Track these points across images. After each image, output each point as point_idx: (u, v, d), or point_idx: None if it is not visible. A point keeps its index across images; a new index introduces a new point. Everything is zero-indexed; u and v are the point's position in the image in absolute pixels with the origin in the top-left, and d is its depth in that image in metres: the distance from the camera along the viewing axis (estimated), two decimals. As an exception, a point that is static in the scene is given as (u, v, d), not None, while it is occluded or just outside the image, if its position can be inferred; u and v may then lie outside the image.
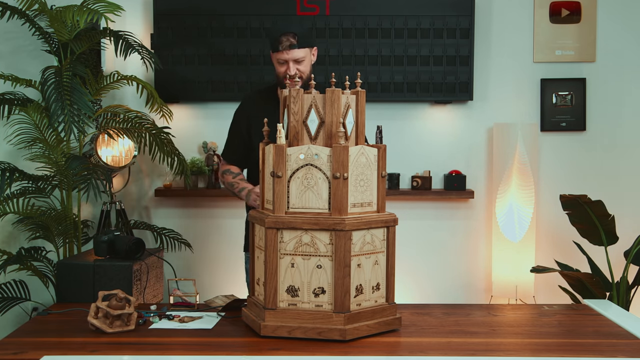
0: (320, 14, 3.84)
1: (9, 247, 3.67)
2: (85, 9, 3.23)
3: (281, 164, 1.95)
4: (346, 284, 1.92)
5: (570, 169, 3.99)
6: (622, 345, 1.93)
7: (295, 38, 2.56)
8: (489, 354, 1.85)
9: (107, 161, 3.56)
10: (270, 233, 1.93)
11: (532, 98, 3.98)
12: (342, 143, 1.93)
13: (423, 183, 3.90)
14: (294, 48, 2.55)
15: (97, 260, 2.58)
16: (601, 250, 3.55)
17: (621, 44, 3.96)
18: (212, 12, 3.84)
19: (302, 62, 2.59)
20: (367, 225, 1.97)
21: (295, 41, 2.55)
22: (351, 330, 1.92)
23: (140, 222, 3.81)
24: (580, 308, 2.41)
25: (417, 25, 3.86)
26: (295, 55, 2.57)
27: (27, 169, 3.51)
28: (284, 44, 2.56)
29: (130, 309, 2.05)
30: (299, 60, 2.58)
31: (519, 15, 3.97)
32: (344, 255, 1.91)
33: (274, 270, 1.94)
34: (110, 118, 3.60)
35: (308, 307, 1.95)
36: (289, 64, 2.58)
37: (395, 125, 3.94)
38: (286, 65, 2.59)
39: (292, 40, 2.55)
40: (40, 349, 1.87)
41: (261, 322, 1.94)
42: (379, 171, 2.05)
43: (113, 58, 3.76)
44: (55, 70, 3.15)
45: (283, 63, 2.60)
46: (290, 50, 2.56)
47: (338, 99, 1.98)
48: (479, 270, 4.03)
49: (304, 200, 1.96)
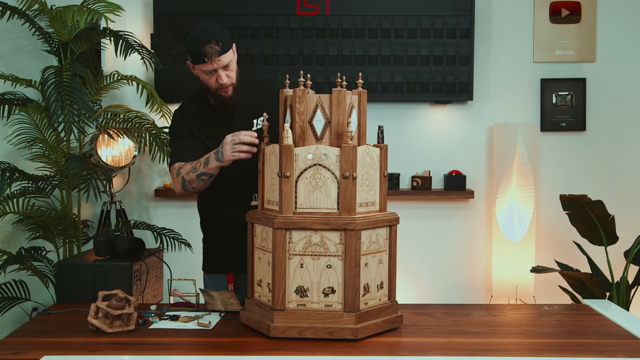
0: (320, 14, 3.85)
1: (9, 247, 3.66)
2: (85, 9, 3.23)
3: (289, 164, 1.95)
4: (356, 283, 1.93)
5: (570, 169, 3.99)
6: (622, 345, 1.93)
7: (219, 44, 2.30)
8: (489, 354, 1.85)
9: (107, 161, 3.56)
10: (279, 234, 1.93)
11: (532, 98, 3.98)
12: (351, 143, 1.94)
13: (423, 183, 3.90)
14: (221, 55, 2.31)
15: (97, 260, 2.58)
16: (601, 250, 3.55)
17: (621, 44, 3.96)
18: (212, 12, 3.84)
19: (230, 66, 2.37)
20: (374, 224, 1.98)
21: (219, 47, 2.30)
22: (362, 329, 1.93)
23: (140, 222, 3.81)
24: (580, 308, 2.41)
25: (417, 25, 3.86)
26: (223, 62, 2.33)
27: (27, 169, 3.50)
28: (209, 53, 2.30)
29: (130, 309, 2.05)
30: (227, 65, 2.35)
31: (519, 15, 3.97)
32: (355, 255, 1.92)
33: (282, 271, 1.94)
34: (110, 118, 3.60)
35: (317, 307, 1.95)
36: (219, 72, 2.34)
37: (395, 125, 3.94)
38: (215, 74, 2.35)
39: (217, 48, 2.30)
40: (40, 349, 1.87)
41: (270, 323, 1.94)
42: (381, 171, 2.06)
43: (113, 58, 3.76)
44: (55, 70, 3.15)
45: (211, 72, 2.35)
46: (218, 58, 2.32)
47: (344, 99, 1.99)
48: (479, 270, 4.03)
49: (312, 200, 1.96)
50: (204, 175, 2.34)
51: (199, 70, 2.37)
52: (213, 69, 2.33)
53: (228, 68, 2.36)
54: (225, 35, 2.35)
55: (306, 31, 3.86)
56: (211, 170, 2.32)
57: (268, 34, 3.86)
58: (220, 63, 2.32)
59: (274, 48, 3.86)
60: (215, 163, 2.29)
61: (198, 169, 2.34)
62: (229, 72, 2.37)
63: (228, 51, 2.34)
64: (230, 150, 2.24)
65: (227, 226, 2.46)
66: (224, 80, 2.35)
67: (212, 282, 2.57)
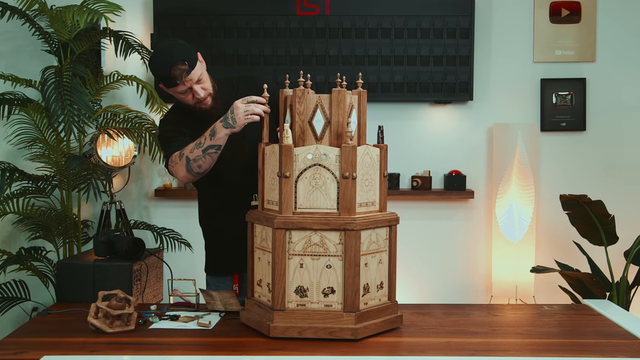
0: (320, 14, 3.85)
1: (9, 247, 3.66)
2: (85, 9, 3.23)
3: (289, 164, 1.95)
4: (356, 283, 1.93)
5: (570, 169, 3.99)
6: (622, 345, 1.93)
7: (185, 63, 2.25)
8: (489, 354, 1.85)
9: (107, 161, 3.56)
10: (278, 234, 1.93)
11: (532, 98, 3.99)
12: (350, 143, 1.94)
13: (423, 183, 3.90)
14: (190, 73, 2.26)
15: (97, 260, 2.58)
16: (601, 250, 3.55)
17: (621, 44, 3.96)
18: (212, 12, 3.84)
19: (202, 78, 2.31)
20: (374, 224, 1.98)
21: (186, 66, 2.25)
22: (362, 329, 1.93)
23: (140, 222, 3.81)
24: (580, 308, 2.41)
25: (417, 25, 3.86)
26: (194, 78, 2.28)
27: (27, 169, 3.50)
28: (179, 75, 2.25)
29: (130, 309, 2.05)
30: (199, 79, 2.30)
31: (519, 15, 3.97)
32: (354, 255, 1.92)
33: (282, 271, 1.94)
34: (110, 118, 3.60)
35: (317, 307, 1.95)
36: (193, 88, 2.30)
37: (395, 125, 3.94)
38: (190, 92, 2.31)
39: (184, 67, 2.25)
40: (40, 349, 1.87)
41: (270, 323, 1.94)
42: (381, 171, 2.06)
43: (113, 58, 3.76)
44: (55, 70, 3.15)
45: (186, 91, 2.31)
46: (188, 77, 2.27)
47: (344, 99, 1.99)
48: (479, 270, 4.03)
49: (312, 200, 1.96)
50: (212, 148, 2.25)
51: (174, 92, 2.33)
52: (187, 88, 2.30)
53: (200, 81, 2.31)
54: (189, 51, 2.30)
55: (306, 31, 3.86)
56: (219, 140, 2.24)
57: (268, 34, 3.86)
58: (192, 81, 2.29)
59: (274, 48, 3.86)
60: (224, 131, 2.22)
61: (204, 143, 2.25)
62: (203, 84, 2.33)
63: (195, 65, 2.28)
64: (243, 114, 2.19)
65: (229, 227, 2.45)
66: (201, 95, 2.31)
67: (215, 284, 2.57)
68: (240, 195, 2.40)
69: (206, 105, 2.36)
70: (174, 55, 2.26)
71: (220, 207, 2.49)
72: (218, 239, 2.55)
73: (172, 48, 2.29)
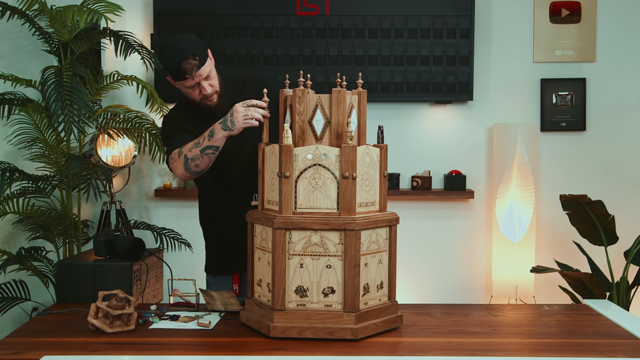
0: (320, 14, 3.85)
1: (9, 247, 3.66)
2: (85, 9, 3.23)
3: (289, 164, 1.95)
4: (356, 284, 1.93)
5: (570, 169, 4.00)
6: (622, 345, 1.93)
7: (196, 58, 2.27)
8: (489, 354, 1.85)
9: (107, 161, 3.56)
10: (278, 234, 1.93)
11: (532, 98, 3.99)
12: (350, 143, 1.94)
13: (423, 183, 3.90)
14: (200, 68, 2.29)
15: (97, 260, 2.58)
16: (601, 250, 3.55)
17: (621, 44, 3.96)
18: (212, 12, 3.84)
19: (210, 75, 2.34)
20: (374, 224, 1.98)
21: (197, 61, 2.28)
22: (362, 329, 1.93)
23: (140, 222, 3.81)
24: (580, 308, 2.41)
25: (417, 25, 3.86)
26: (204, 74, 2.31)
27: (27, 169, 3.50)
28: (189, 69, 2.28)
29: (130, 309, 2.05)
30: (208, 76, 2.33)
31: (519, 15, 3.97)
32: (354, 255, 1.92)
33: (282, 271, 1.94)
34: (110, 118, 3.60)
35: (317, 307, 1.95)
36: (201, 83, 2.32)
37: (395, 125, 3.94)
38: (197, 87, 2.34)
39: (195, 62, 2.27)
40: (40, 349, 1.87)
41: (270, 323, 1.94)
42: (381, 171, 2.06)
43: (113, 58, 3.76)
44: (55, 70, 3.15)
45: (194, 86, 2.34)
46: (198, 72, 2.29)
47: (344, 99, 1.99)
48: (479, 270, 4.03)
49: (312, 200, 1.96)
50: (209, 149, 2.25)
51: (181, 86, 2.35)
52: (195, 83, 2.32)
53: (209, 77, 2.34)
54: (200, 47, 2.31)
55: (306, 31, 3.86)
56: (217, 142, 2.23)
57: (268, 34, 3.86)
58: (201, 76, 2.31)
59: (274, 48, 3.86)
60: (222, 133, 2.22)
61: (202, 143, 2.25)
62: (211, 81, 2.35)
63: (206, 62, 2.31)
64: (242, 118, 2.19)
65: (229, 227, 2.45)
66: (208, 91, 2.34)
67: (215, 284, 2.57)
68: (241, 195, 2.40)
69: (212, 102, 2.37)
70: (185, 50, 2.28)
71: (221, 207, 2.50)
72: (218, 239, 2.56)
73: (184, 42, 2.32)
